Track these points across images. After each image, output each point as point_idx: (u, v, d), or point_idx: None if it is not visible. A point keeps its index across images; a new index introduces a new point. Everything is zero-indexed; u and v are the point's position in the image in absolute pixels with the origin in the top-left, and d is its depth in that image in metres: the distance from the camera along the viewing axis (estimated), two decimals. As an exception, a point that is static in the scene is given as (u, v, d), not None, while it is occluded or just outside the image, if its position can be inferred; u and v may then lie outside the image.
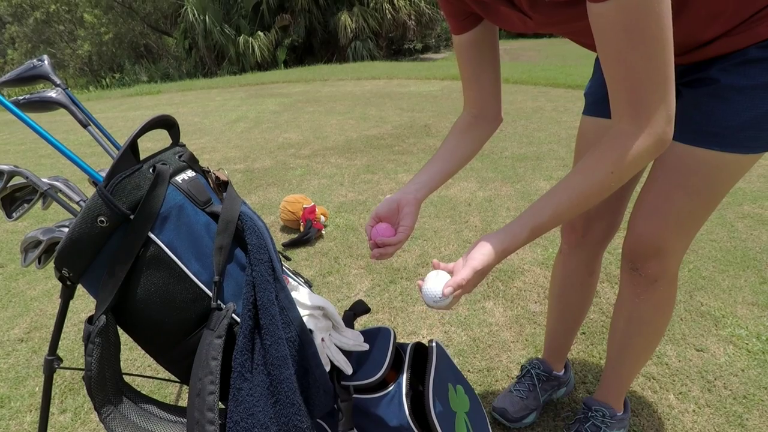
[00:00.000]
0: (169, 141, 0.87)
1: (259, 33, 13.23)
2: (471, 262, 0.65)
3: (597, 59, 0.95)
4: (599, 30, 0.56)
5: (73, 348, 1.60)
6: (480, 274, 0.66)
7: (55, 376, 0.88)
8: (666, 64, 0.56)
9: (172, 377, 0.85)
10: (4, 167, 0.74)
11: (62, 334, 0.84)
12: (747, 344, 1.42)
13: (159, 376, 1.38)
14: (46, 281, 2.06)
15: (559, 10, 0.63)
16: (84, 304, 1.83)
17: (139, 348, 0.80)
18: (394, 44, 16.83)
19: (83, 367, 0.71)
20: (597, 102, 0.94)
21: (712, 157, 0.74)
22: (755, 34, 0.65)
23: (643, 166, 0.64)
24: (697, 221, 0.83)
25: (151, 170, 0.72)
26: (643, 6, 0.52)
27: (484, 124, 0.90)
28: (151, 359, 1.01)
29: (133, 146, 0.73)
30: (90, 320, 0.72)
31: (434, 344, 0.98)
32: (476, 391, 1.15)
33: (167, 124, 0.82)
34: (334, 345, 0.85)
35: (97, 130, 0.84)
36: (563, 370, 1.24)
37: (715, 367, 1.34)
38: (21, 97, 0.77)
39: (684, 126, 0.76)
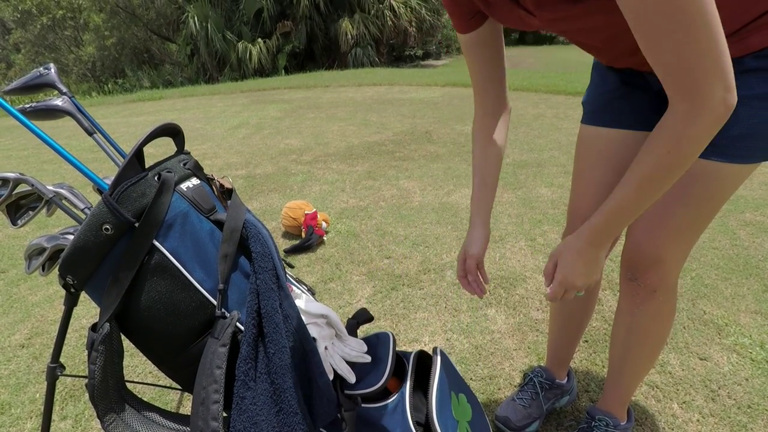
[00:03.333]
0: (171, 145, 0.87)
1: (259, 40, 13.31)
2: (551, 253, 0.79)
3: (594, 67, 0.96)
4: (636, 15, 0.54)
5: (74, 354, 1.59)
6: (556, 256, 0.78)
7: (56, 383, 0.88)
8: (709, 39, 0.52)
9: (174, 384, 0.85)
10: (10, 175, 0.74)
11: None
12: (751, 353, 1.42)
13: (160, 383, 1.38)
14: (48, 287, 2.06)
15: (563, 7, 0.64)
16: (85, 309, 1.83)
17: (140, 355, 0.80)
18: (395, 51, 16.94)
19: (85, 373, 0.71)
20: (595, 111, 0.95)
21: (711, 168, 0.74)
22: (746, 45, 0.66)
23: (706, 142, 0.61)
24: (696, 231, 0.83)
25: (156, 178, 0.73)
26: None
27: (498, 119, 0.94)
28: (153, 366, 1.00)
29: (138, 154, 0.73)
30: (94, 328, 0.72)
31: (438, 352, 0.98)
32: (479, 399, 1.14)
33: (172, 131, 0.83)
34: (337, 354, 0.85)
35: (102, 138, 0.84)
36: (566, 379, 1.23)
37: (719, 376, 1.33)
38: (27, 105, 0.78)
39: None
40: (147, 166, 0.77)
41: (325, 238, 2.32)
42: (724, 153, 0.73)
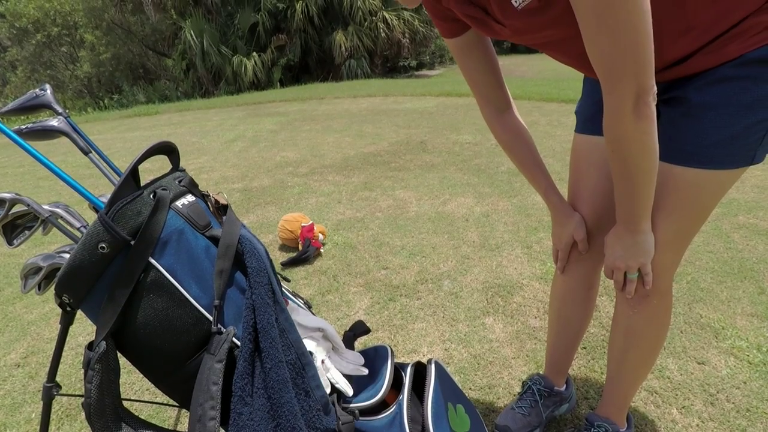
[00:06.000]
0: (167, 160, 0.88)
1: (254, 53, 13.43)
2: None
3: (585, 77, 0.98)
4: (576, 11, 0.60)
5: (70, 373, 1.58)
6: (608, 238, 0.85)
7: (52, 402, 0.88)
8: (631, 44, 0.58)
9: (171, 401, 0.85)
10: (6, 195, 0.75)
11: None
12: (748, 356, 1.42)
13: (157, 400, 1.37)
14: (43, 305, 2.04)
15: (528, 19, 0.67)
16: (81, 327, 1.82)
17: (137, 371, 0.80)
18: (389, 62, 17.08)
19: (81, 392, 0.71)
20: (588, 120, 0.96)
21: (691, 175, 0.75)
22: (726, 53, 0.67)
23: (645, 139, 0.67)
24: (685, 238, 0.83)
25: (151, 196, 0.74)
26: None
27: (508, 113, 0.99)
28: (150, 383, 1.00)
29: (133, 173, 0.74)
30: (90, 346, 0.72)
31: (433, 363, 0.98)
32: (478, 409, 1.14)
33: (167, 149, 0.84)
34: (334, 367, 0.85)
35: (98, 157, 0.85)
36: (565, 386, 1.23)
37: (717, 380, 1.34)
38: (24, 127, 0.78)
39: (662, 144, 0.77)
40: (142, 181, 0.78)
41: (322, 250, 2.32)
42: (702, 160, 0.74)
